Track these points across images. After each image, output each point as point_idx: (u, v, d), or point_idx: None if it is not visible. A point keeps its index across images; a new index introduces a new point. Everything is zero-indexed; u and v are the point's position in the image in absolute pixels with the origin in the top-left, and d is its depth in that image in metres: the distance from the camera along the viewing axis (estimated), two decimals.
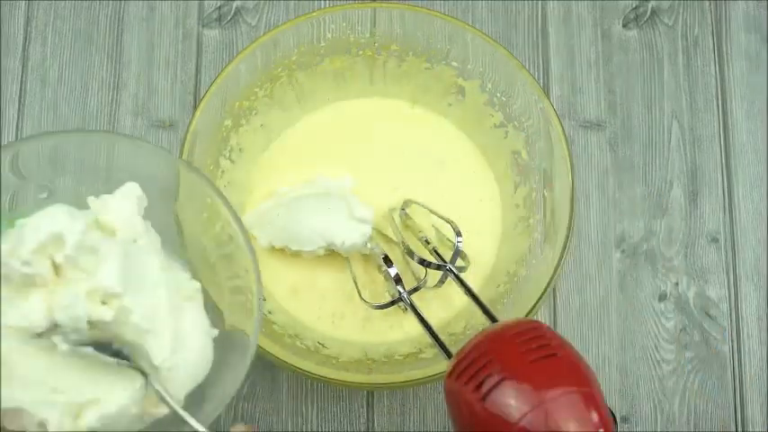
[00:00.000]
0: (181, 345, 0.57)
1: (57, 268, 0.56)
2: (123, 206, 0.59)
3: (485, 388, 0.54)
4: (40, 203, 0.60)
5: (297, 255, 0.74)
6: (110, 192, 0.59)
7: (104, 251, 0.56)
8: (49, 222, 0.56)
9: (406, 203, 0.75)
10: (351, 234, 0.71)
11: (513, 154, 0.75)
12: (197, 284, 0.60)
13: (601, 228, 0.80)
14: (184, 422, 0.55)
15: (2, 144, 0.78)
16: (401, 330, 0.74)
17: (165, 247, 0.61)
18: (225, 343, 0.60)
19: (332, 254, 0.74)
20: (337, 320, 0.74)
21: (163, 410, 0.57)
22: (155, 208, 0.61)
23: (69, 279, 0.56)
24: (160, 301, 0.57)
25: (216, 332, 0.60)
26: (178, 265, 0.61)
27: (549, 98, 0.72)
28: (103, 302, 0.56)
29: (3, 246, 0.55)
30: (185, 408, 0.57)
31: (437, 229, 0.75)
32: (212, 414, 0.58)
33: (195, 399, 0.59)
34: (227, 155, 0.74)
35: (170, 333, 0.57)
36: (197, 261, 0.63)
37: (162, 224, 0.62)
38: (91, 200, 0.59)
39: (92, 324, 0.55)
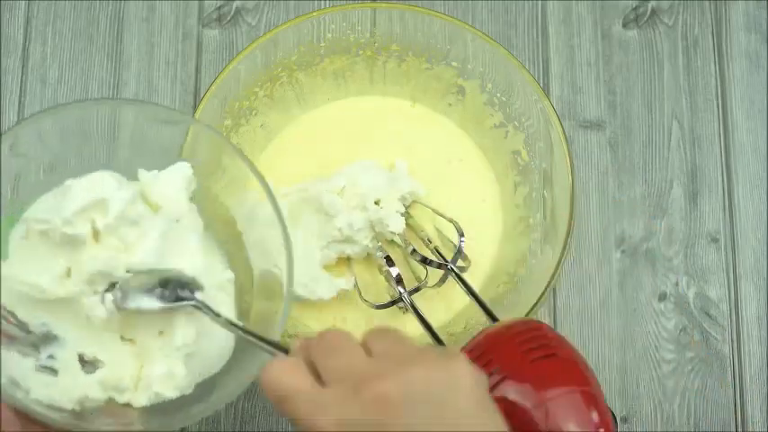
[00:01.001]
0: (205, 333, 0.56)
1: (96, 234, 0.55)
2: (172, 183, 0.58)
3: None
4: (43, 183, 0.58)
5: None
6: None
7: (146, 226, 0.55)
8: (97, 186, 0.55)
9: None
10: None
11: (513, 154, 0.75)
12: (231, 275, 0.59)
13: (601, 228, 0.80)
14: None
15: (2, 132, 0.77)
16: (402, 331, 0.74)
17: (208, 234, 0.60)
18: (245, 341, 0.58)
19: None
20: (338, 321, 0.74)
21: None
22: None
23: (107, 246, 0.55)
24: None
25: (241, 324, 0.58)
26: (218, 253, 0.60)
27: (549, 98, 0.72)
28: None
29: (46, 201, 0.55)
30: (195, 395, 0.56)
31: (439, 230, 0.74)
32: (217, 405, 0.57)
33: (204, 388, 0.58)
34: None
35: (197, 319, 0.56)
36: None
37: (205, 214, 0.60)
38: (141, 172, 0.58)
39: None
